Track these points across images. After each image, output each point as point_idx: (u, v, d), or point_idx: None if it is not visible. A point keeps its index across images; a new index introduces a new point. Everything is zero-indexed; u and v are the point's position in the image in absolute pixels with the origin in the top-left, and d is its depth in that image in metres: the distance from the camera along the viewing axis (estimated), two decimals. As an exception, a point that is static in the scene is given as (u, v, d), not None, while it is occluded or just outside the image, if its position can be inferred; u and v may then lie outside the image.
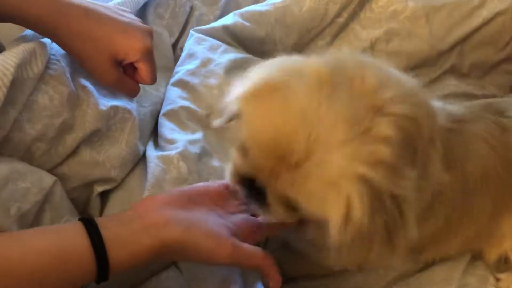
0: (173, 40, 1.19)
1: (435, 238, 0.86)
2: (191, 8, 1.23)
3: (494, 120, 0.89)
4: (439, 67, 1.26)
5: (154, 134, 1.01)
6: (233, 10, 1.22)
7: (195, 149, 0.94)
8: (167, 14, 1.18)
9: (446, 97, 1.21)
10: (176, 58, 1.17)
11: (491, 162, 0.84)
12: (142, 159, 0.95)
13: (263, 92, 0.56)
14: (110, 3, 0.99)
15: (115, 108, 0.86)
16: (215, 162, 0.96)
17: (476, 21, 1.22)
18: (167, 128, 0.98)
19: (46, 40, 0.80)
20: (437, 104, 0.82)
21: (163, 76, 1.12)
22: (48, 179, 0.74)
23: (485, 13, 1.21)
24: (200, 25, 1.20)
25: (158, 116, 1.02)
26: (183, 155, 0.91)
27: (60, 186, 0.77)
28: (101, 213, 0.87)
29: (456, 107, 0.92)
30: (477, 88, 1.26)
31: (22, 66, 0.70)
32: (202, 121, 1.01)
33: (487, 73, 1.31)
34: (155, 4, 1.16)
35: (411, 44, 1.21)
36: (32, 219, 0.70)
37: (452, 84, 1.25)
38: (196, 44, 1.11)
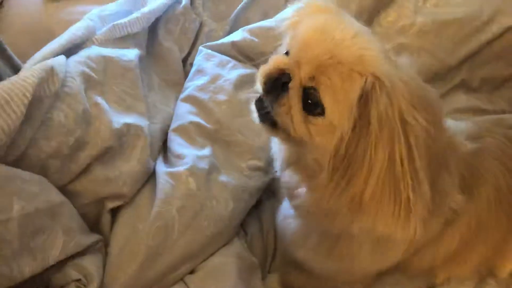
0: (183, 55, 1.24)
1: (451, 258, 0.89)
2: (201, 24, 1.28)
3: (505, 135, 0.91)
4: (448, 82, 1.30)
5: (164, 149, 1.06)
6: (242, 26, 1.28)
7: (203, 164, 0.98)
8: (177, 29, 1.25)
9: (455, 111, 1.25)
10: (186, 73, 1.23)
11: (504, 179, 0.87)
12: (151, 175, 0.99)
13: (312, 10, 0.73)
14: (122, 21, 1.06)
15: (127, 126, 0.91)
16: (224, 178, 1.01)
17: (485, 36, 1.26)
18: (176, 143, 1.03)
19: (63, 58, 0.85)
20: (449, 123, 0.85)
21: (173, 91, 1.18)
22: (56, 197, 0.79)
23: (494, 28, 1.25)
24: (209, 41, 1.26)
25: (167, 131, 1.07)
26: (192, 171, 0.95)
27: (69, 207, 0.82)
28: (111, 229, 0.91)
29: (467, 124, 0.95)
30: (486, 102, 1.29)
31: (40, 86, 0.75)
32: (210, 136, 1.06)
33: (497, 87, 1.34)
34: (165, 19, 1.22)
35: (420, 59, 1.25)
36: (34, 228, 0.74)
37: (461, 98, 1.29)
38: (205, 60, 1.17)
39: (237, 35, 1.22)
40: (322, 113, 0.65)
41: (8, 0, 1.31)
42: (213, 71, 1.14)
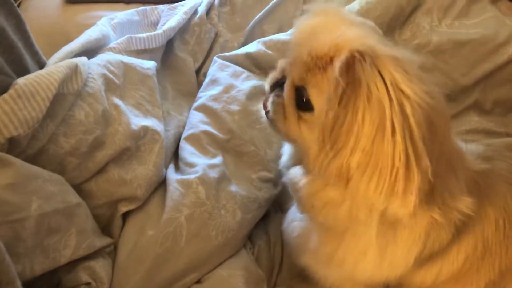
0: (197, 66, 1.30)
1: (455, 278, 0.90)
2: (216, 34, 1.33)
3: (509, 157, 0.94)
4: (461, 102, 1.34)
5: (175, 157, 1.09)
6: (258, 37, 1.33)
7: (214, 174, 1.02)
8: (192, 40, 1.30)
9: (467, 133, 1.28)
10: (199, 84, 1.28)
11: None
12: (162, 181, 1.03)
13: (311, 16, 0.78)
14: (140, 35, 1.11)
15: (145, 129, 0.95)
16: (233, 188, 1.04)
17: (501, 58, 1.31)
18: (188, 152, 1.06)
19: (85, 59, 0.90)
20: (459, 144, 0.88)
21: (186, 101, 1.22)
22: (73, 198, 0.83)
23: (511, 50, 1.30)
24: (224, 51, 1.31)
25: (180, 139, 1.10)
26: (202, 180, 0.99)
27: (85, 208, 0.86)
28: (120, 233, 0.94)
29: (478, 146, 0.97)
30: (499, 125, 1.32)
31: (64, 82, 0.79)
32: (222, 146, 1.10)
33: (510, 110, 1.38)
34: (181, 30, 1.28)
35: (434, 78, 1.29)
36: (49, 227, 0.77)
37: (473, 120, 1.33)
38: (219, 70, 1.21)
39: (252, 47, 1.27)
40: (311, 108, 0.71)
41: (26, 2, 1.36)
42: (227, 81, 1.18)
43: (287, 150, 0.88)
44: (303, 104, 0.72)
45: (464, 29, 1.34)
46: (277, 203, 1.16)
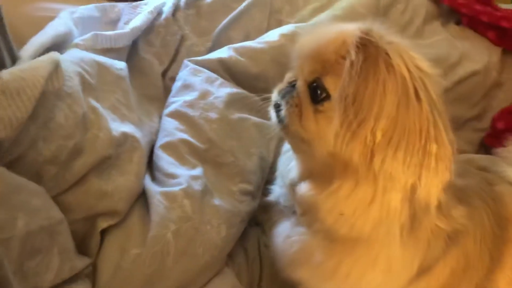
0: (162, 68, 1.21)
1: None
2: (182, 38, 1.26)
3: (480, 176, 1.00)
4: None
5: (149, 166, 1.00)
6: (225, 44, 1.29)
7: (197, 186, 0.96)
8: (158, 42, 1.23)
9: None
10: (165, 88, 1.19)
11: (486, 218, 0.93)
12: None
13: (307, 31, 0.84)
14: (106, 33, 1.03)
15: (125, 135, 0.87)
16: (216, 201, 0.98)
17: (452, 79, 1.41)
18: (166, 162, 0.98)
19: (58, 54, 0.79)
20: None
21: (153, 106, 1.14)
22: (56, 214, 0.73)
23: (461, 71, 1.40)
24: (191, 55, 1.25)
25: (153, 146, 1.02)
26: (187, 192, 0.93)
27: (66, 225, 0.75)
28: (98, 252, 0.83)
29: None
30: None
31: (49, 78, 0.69)
32: (201, 156, 1.04)
33: (458, 129, 1.47)
34: (146, 31, 1.21)
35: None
36: (32, 248, 0.67)
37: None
38: (191, 75, 1.15)
39: (224, 53, 1.22)
40: (328, 96, 0.72)
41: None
42: (202, 86, 1.12)
43: (294, 166, 0.85)
44: (317, 96, 0.74)
45: (421, 49, 1.41)
46: (252, 219, 1.12)
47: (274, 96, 0.82)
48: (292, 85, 0.80)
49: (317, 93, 0.74)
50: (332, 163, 0.73)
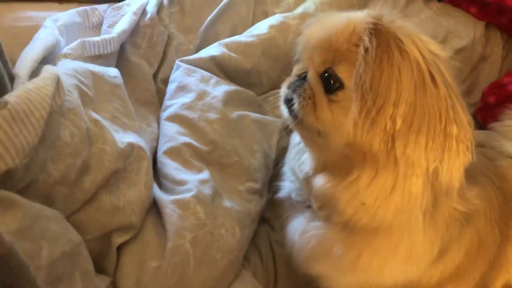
0: (152, 71, 1.18)
1: (456, 274, 0.93)
2: (169, 37, 1.23)
3: (479, 151, 1.01)
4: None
5: (154, 174, 0.98)
6: (212, 40, 1.27)
7: (207, 190, 0.94)
8: (144, 43, 1.19)
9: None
10: (157, 90, 1.16)
11: (493, 194, 0.94)
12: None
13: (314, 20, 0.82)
14: (93, 39, 1.00)
15: (131, 146, 0.84)
16: (227, 203, 0.97)
17: (441, 56, 1.40)
18: (172, 168, 0.96)
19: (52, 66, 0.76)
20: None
21: (148, 110, 1.10)
22: (75, 236, 0.70)
23: (448, 49, 1.41)
24: (179, 54, 1.22)
25: (155, 153, 0.99)
26: (198, 198, 0.91)
27: (85, 247, 0.72)
28: (115, 269, 0.81)
29: None
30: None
31: (53, 97, 0.66)
32: (205, 159, 1.02)
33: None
34: (131, 33, 1.16)
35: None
36: (56, 276, 0.64)
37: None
38: (185, 76, 1.12)
39: (215, 50, 1.20)
40: (342, 85, 0.72)
41: None
42: (198, 87, 1.10)
43: (308, 159, 0.84)
44: (331, 86, 0.73)
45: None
46: (261, 216, 1.11)
47: (283, 91, 0.81)
48: (301, 77, 0.79)
49: (330, 83, 0.73)
50: (349, 153, 0.73)
